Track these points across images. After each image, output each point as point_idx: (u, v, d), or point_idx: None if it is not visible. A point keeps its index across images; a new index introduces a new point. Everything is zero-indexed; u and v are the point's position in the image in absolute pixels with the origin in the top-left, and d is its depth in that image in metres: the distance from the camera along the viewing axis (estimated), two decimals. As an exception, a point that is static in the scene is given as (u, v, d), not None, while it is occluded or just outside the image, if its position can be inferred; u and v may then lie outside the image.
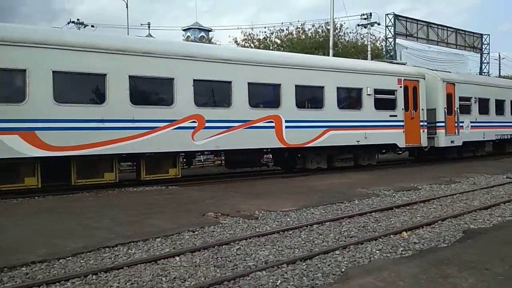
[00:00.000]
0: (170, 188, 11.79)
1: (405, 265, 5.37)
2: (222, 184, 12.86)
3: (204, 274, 5.22)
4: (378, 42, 39.13)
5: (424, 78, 17.92)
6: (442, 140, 18.33)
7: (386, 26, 31.06)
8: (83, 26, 34.23)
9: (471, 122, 19.95)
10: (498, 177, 14.13)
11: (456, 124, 18.98)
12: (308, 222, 7.78)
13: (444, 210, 9.05)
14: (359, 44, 39.66)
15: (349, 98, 16.15)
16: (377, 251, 6.08)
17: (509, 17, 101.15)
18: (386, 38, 31.75)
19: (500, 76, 43.54)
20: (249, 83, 13.37)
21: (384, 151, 18.28)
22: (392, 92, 16.79)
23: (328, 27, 30.96)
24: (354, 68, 16.21)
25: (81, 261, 5.70)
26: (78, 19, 35.15)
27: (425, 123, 17.67)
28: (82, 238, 6.63)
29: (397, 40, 31.42)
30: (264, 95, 14.42)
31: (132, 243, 6.44)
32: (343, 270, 5.34)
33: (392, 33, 30.98)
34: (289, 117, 14.04)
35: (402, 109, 16.92)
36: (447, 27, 34.53)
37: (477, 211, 8.81)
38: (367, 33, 33.49)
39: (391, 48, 31.32)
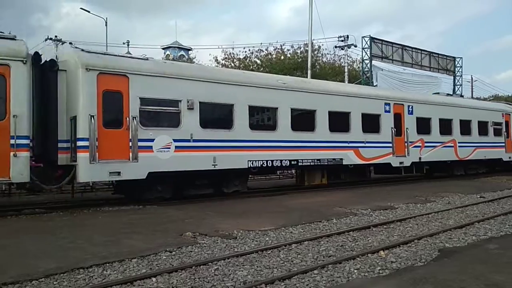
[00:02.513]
0: (148, 207, 11.62)
1: (383, 284, 5.41)
2: (202, 204, 12.73)
3: (182, 295, 5.14)
4: (355, 64, 40.09)
5: (24, 62, 10.19)
6: (83, 171, 10.69)
7: (363, 48, 31.94)
8: (60, 43, 34.00)
9: (176, 140, 12.19)
10: (472, 197, 14.44)
11: (130, 144, 11.36)
12: (286, 242, 7.77)
13: (420, 229, 9.17)
14: (337, 65, 40.52)
15: None
16: (355, 270, 6.11)
17: (479, 42, 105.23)
18: (363, 60, 32.59)
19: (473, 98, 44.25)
20: None
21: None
22: None
23: (307, 48, 31.52)
24: None
25: (54, 283, 5.55)
26: (56, 36, 35.10)
27: (24, 141, 10.06)
28: (56, 258, 6.46)
29: (373, 62, 32.25)
30: None
31: (107, 264, 6.31)
32: (321, 289, 5.33)
33: (369, 55, 31.79)
34: None
35: None
36: (421, 50, 35.64)
37: (452, 230, 8.96)
38: (344, 54, 34.25)
39: (368, 69, 32.07)
